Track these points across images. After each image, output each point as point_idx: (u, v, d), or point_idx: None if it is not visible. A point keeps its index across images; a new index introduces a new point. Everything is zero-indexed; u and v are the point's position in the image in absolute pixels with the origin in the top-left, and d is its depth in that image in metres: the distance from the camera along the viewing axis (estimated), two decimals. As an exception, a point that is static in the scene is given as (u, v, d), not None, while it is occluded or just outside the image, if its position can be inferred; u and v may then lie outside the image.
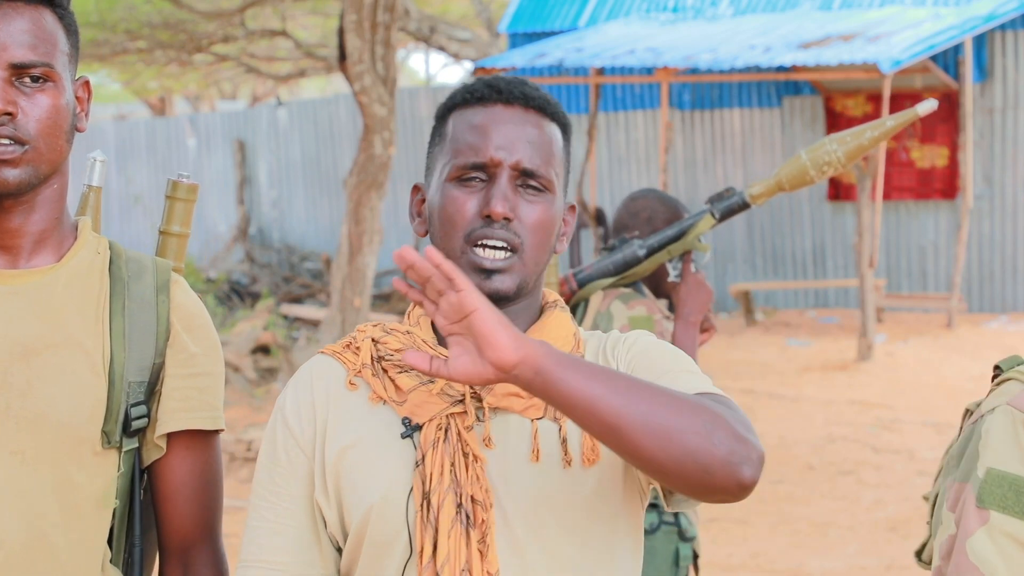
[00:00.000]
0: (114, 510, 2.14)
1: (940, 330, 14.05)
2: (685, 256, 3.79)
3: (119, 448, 2.12)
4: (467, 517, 1.92)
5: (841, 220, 15.78)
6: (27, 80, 2.07)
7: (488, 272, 1.97)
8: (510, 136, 2.00)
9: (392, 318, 16.04)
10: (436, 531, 1.91)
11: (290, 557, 2.00)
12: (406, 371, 1.99)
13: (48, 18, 2.10)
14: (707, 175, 16.43)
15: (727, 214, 3.66)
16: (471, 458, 1.93)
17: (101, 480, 2.11)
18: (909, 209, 15.48)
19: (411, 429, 1.96)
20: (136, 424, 2.13)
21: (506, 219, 1.97)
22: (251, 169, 20.46)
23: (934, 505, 2.04)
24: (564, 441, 1.96)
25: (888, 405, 11.10)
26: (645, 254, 3.75)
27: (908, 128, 15.17)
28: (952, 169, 15.13)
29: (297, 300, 18.19)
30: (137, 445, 2.15)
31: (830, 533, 7.87)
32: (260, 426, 10.35)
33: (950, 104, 14.96)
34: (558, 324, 2.04)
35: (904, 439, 9.97)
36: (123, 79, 21.84)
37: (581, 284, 3.79)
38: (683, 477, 1.79)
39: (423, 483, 1.92)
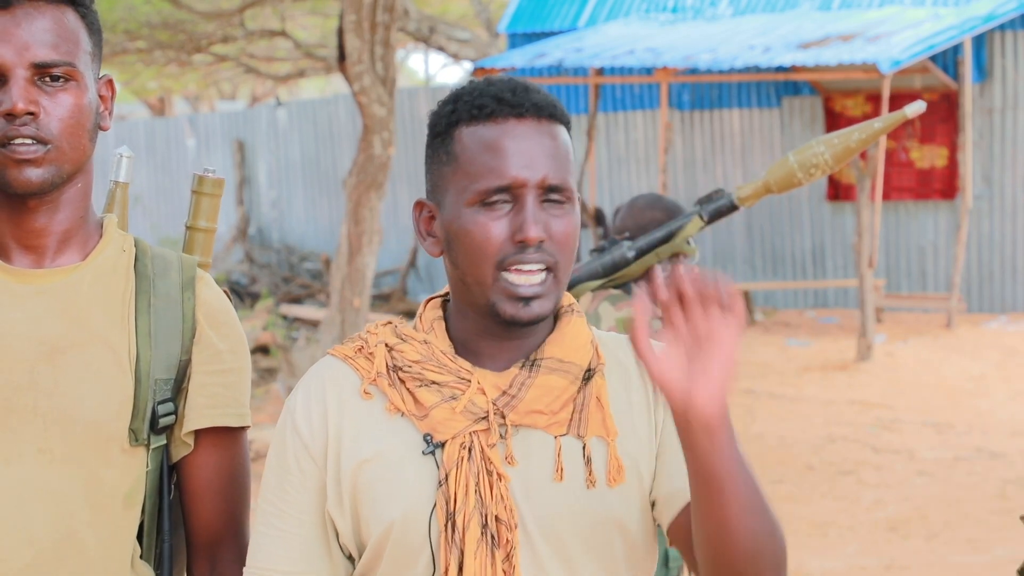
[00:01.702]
0: (143, 507, 2.15)
1: (940, 330, 14.05)
2: (674, 258, 3.80)
3: (147, 445, 2.12)
4: (492, 537, 1.90)
5: (840, 220, 15.78)
6: (49, 79, 2.07)
7: (526, 299, 1.92)
8: (530, 153, 1.92)
9: (392, 318, 16.03)
10: (462, 552, 1.89)
11: (299, 567, 1.97)
12: (426, 385, 1.94)
13: (70, 17, 2.10)
14: (706, 175, 16.44)
15: (715, 216, 3.66)
16: (495, 476, 1.91)
17: (129, 477, 2.11)
18: (908, 209, 15.48)
19: (433, 446, 1.92)
20: (163, 421, 2.13)
21: (540, 241, 1.91)
22: (250, 169, 20.46)
23: None
24: (589, 461, 1.94)
25: (888, 405, 11.10)
26: (634, 256, 3.75)
27: (907, 128, 15.17)
28: (951, 169, 15.13)
29: (296, 300, 18.19)
30: (165, 442, 2.15)
31: (830, 533, 7.87)
32: (260, 426, 10.34)
33: (949, 104, 14.96)
34: (576, 332, 2.00)
35: (904, 439, 9.97)
36: (123, 79, 21.82)
37: (570, 286, 3.78)
38: (722, 567, 1.83)
39: (447, 503, 1.90)
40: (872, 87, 14.94)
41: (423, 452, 1.92)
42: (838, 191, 15.77)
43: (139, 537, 2.16)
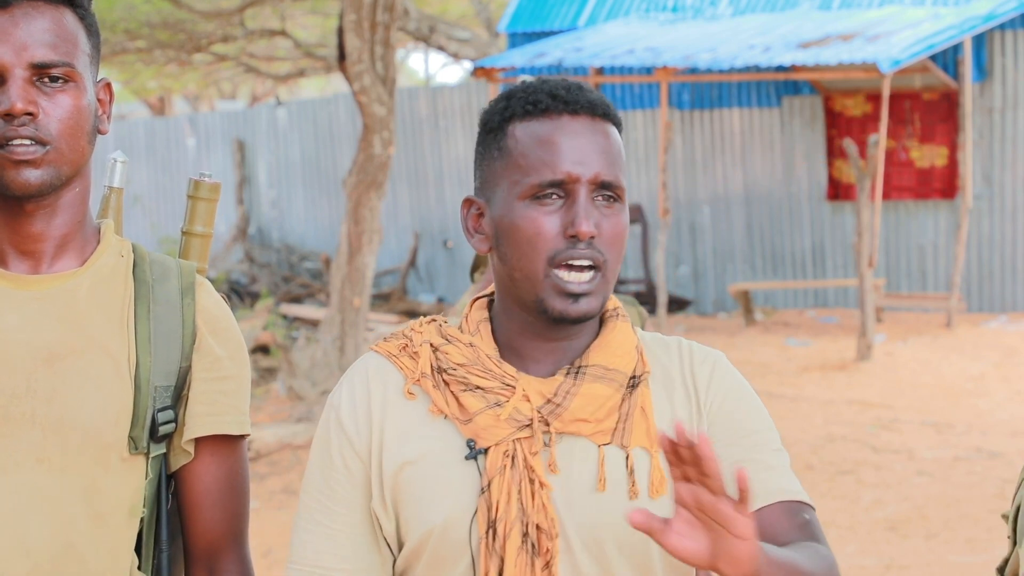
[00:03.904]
0: (142, 517, 2.11)
1: (939, 330, 14.05)
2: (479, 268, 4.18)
3: (146, 454, 2.10)
4: (532, 546, 1.89)
5: (840, 220, 15.78)
6: (48, 80, 2.05)
7: (575, 296, 1.91)
8: (584, 149, 1.92)
9: (392, 318, 16.04)
10: (502, 559, 1.88)
11: (349, 564, 1.96)
12: (471, 390, 1.94)
13: (69, 18, 2.08)
14: (706, 175, 16.44)
15: None
16: (537, 485, 1.90)
17: (129, 487, 2.09)
18: (908, 209, 15.48)
19: (475, 452, 1.91)
20: (163, 429, 2.10)
21: (591, 237, 1.91)
22: (250, 169, 20.46)
23: (1015, 519, 2.03)
24: (632, 471, 1.92)
25: (887, 405, 11.10)
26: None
27: (907, 128, 15.20)
28: (951, 169, 15.13)
29: (296, 300, 18.20)
30: (164, 451, 2.12)
31: (829, 533, 7.86)
32: (259, 426, 10.34)
33: (949, 104, 14.97)
34: (622, 338, 1.99)
35: (903, 439, 9.97)
36: (122, 79, 21.84)
37: None
38: None
39: (489, 510, 1.89)
40: (872, 86, 14.95)
41: (466, 458, 1.91)
42: (838, 191, 15.77)
43: (137, 548, 2.13)
